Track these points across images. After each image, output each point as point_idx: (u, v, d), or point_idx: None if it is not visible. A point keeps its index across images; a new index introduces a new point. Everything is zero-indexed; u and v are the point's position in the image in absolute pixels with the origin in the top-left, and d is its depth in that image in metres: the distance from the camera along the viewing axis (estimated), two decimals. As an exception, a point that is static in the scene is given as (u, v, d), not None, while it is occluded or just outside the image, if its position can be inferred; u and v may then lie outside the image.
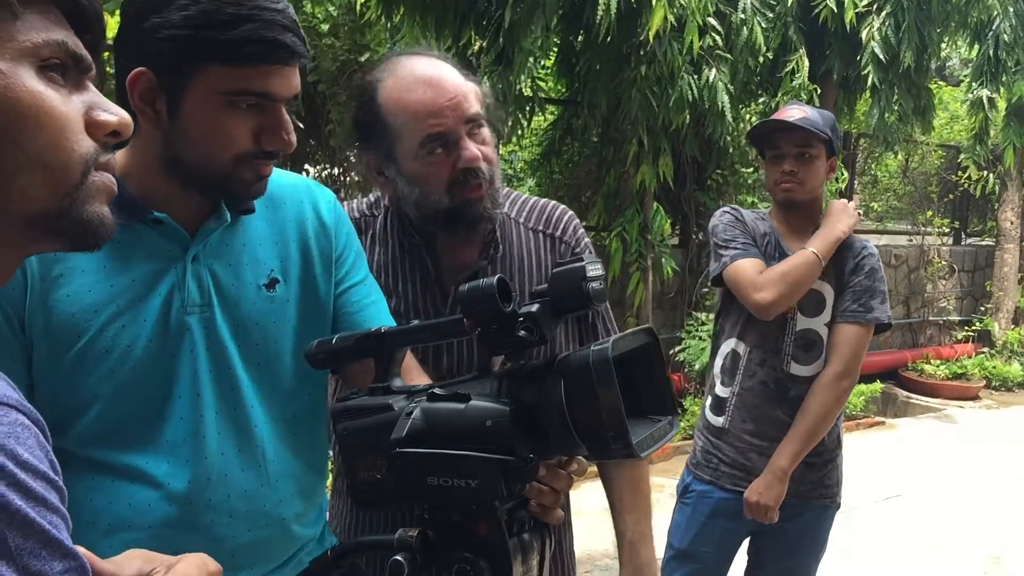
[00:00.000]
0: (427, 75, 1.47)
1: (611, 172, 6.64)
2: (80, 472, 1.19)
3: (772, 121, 2.50)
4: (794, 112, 2.48)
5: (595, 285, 0.99)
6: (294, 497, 1.33)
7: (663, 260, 6.55)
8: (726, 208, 2.60)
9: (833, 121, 2.51)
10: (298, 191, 1.39)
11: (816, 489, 2.49)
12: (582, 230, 1.75)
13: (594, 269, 0.99)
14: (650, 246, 6.50)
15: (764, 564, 2.58)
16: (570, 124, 7.11)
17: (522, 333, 0.96)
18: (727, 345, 2.54)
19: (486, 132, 1.53)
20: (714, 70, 6.03)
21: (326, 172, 6.63)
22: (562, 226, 1.71)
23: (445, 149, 1.47)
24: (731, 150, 7.27)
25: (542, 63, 6.87)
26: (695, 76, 5.97)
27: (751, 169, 7.37)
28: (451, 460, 0.95)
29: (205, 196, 1.25)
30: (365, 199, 1.70)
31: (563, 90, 7.21)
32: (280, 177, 1.32)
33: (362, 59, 5.91)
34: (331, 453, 1.50)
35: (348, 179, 6.56)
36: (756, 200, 7.19)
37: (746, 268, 2.43)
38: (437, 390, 1.01)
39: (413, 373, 1.37)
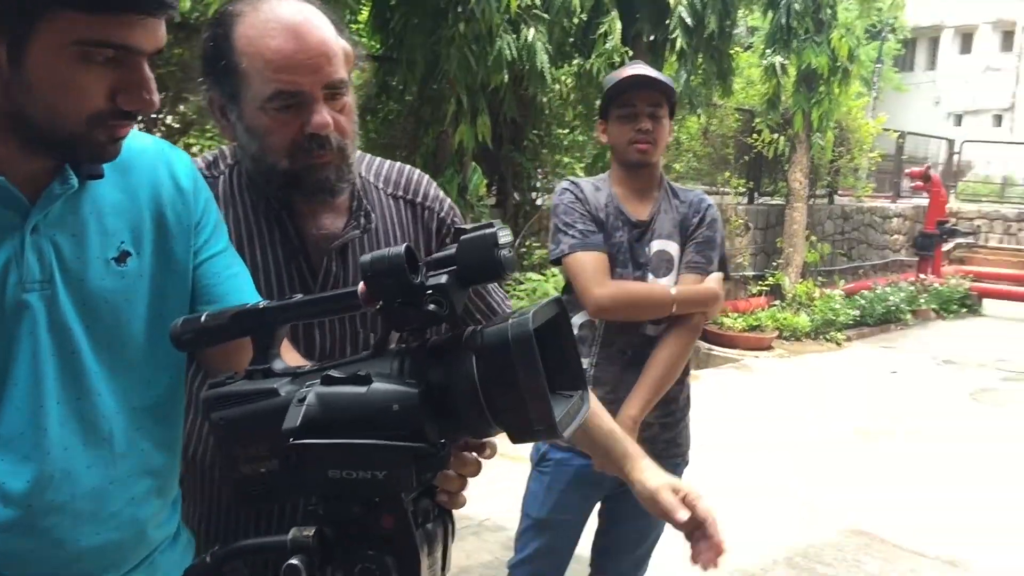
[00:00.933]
0: (291, 22, 1.32)
1: (429, 131, 6.53)
2: None
3: (636, 76, 2.41)
4: (644, 70, 2.44)
5: (506, 253, 0.91)
6: (149, 495, 1.19)
7: (481, 221, 6.53)
8: (566, 184, 2.50)
9: (673, 84, 2.50)
10: (152, 154, 1.23)
11: (669, 448, 2.52)
12: (442, 193, 1.67)
13: (504, 236, 0.91)
14: (469, 207, 6.46)
15: (617, 524, 2.58)
16: (386, 82, 6.92)
17: (431, 307, 0.87)
18: (580, 317, 2.47)
19: (348, 100, 1.40)
20: (532, 30, 6.02)
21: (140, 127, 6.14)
22: (422, 191, 1.61)
23: (295, 109, 1.33)
24: (547, 111, 7.32)
25: (355, 18, 6.63)
26: (514, 35, 5.94)
27: (567, 130, 7.46)
28: (356, 450, 0.85)
29: (50, 158, 1.07)
30: (201, 157, 1.51)
31: (377, 46, 7.00)
32: (132, 139, 1.15)
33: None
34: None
35: (156, 132, 6.12)
36: (571, 160, 7.29)
37: (586, 265, 2.36)
38: (332, 372, 0.90)
39: (288, 355, 1.24)
